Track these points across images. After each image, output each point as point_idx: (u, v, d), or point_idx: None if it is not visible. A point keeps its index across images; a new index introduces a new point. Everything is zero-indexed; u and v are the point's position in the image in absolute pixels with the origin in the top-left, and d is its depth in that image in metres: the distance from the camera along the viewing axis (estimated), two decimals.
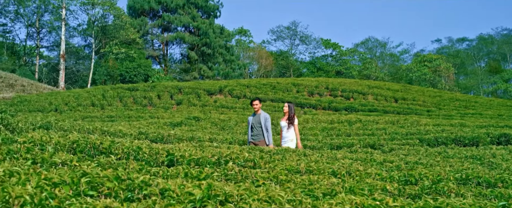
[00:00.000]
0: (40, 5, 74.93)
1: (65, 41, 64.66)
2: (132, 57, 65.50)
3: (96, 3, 65.50)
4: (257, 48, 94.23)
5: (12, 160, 5.36)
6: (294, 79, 45.67)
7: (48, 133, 7.48)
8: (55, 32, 79.63)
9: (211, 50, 78.88)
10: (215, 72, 79.37)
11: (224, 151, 7.37)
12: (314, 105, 36.20)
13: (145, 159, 6.58)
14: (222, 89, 38.54)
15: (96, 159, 5.89)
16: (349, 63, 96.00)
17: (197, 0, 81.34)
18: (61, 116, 26.73)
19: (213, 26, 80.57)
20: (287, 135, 13.06)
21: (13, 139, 6.39)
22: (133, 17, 77.03)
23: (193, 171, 5.72)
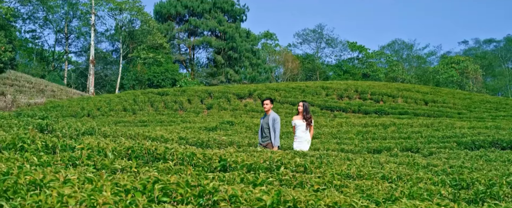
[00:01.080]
0: (69, 11, 75.76)
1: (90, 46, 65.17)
2: (160, 61, 65.88)
3: (124, 8, 66.02)
4: (283, 51, 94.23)
5: (77, 167, 5.45)
6: (323, 83, 45.57)
7: (96, 139, 7.59)
8: (83, 37, 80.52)
9: (238, 54, 79.05)
10: (242, 76, 79.55)
11: (274, 156, 7.41)
12: (344, 108, 36.11)
13: (200, 165, 6.63)
14: (252, 93, 38.61)
15: (155, 165, 5.96)
16: (376, 66, 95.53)
17: (223, 4, 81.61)
18: (94, 121, 26.98)
19: (239, 30, 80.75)
20: (303, 135, 12.53)
21: (71, 145, 6.49)
22: (159, 22, 77.53)
23: (249, 177, 5.75)
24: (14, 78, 46.89)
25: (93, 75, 63.19)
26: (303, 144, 12.41)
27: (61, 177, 4.15)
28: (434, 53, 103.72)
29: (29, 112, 17.37)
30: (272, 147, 11.87)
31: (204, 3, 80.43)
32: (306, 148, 12.39)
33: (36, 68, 70.01)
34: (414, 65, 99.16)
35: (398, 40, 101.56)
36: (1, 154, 5.42)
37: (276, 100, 37.12)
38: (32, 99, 42.15)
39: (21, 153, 5.90)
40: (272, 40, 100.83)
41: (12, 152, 5.81)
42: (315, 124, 22.80)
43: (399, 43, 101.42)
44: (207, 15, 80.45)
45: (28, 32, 78.39)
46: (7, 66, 28.47)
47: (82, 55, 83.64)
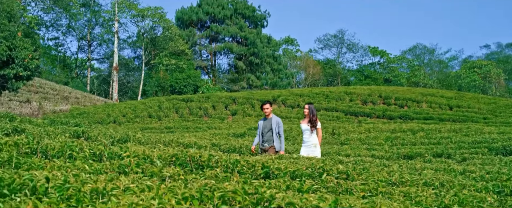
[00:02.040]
0: (91, 18, 76.37)
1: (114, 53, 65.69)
2: (182, 68, 66.13)
3: (146, 15, 66.41)
4: (304, 57, 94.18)
5: (127, 175, 5.50)
6: (346, 88, 45.47)
7: (141, 146, 7.65)
8: (105, 44, 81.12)
9: (259, 60, 79.12)
10: (263, 82, 79.60)
11: (316, 163, 7.41)
12: (368, 113, 36.00)
13: (244, 172, 6.65)
14: (276, 99, 38.62)
15: (202, 173, 5.99)
16: (397, 71, 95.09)
17: (244, 10, 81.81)
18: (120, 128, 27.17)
19: (261, 36, 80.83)
20: (310, 139, 11.92)
21: (117, 153, 6.54)
22: (181, 28, 77.89)
23: (295, 184, 5.76)
24: (38, 86, 47.35)
25: (117, 82, 63.67)
26: (311, 148, 11.87)
27: (121, 185, 4.20)
28: (456, 57, 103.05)
29: (62, 119, 17.53)
30: (274, 151, 11.64)
31: (225, 9, 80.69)
32: (315, 153, 11.80)
33: (59, 75, 70.59)
34: (436, 70, 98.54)
35: (420, 44, 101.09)
36: (52, 162, 5.48)
37: (300, 106, 37.09)
38: (57, 106, 42.51)
39: (71, 161, 5.96)
40: (293, 45, 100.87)
41: (62, 160, 5.87)
42: (342, 129, 22.77)
43: (421, 48, 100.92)
44: (228, 21, 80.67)
45: (51, 39, 79.33)
46: (35, 74, 28.68)
47: (104, 62, 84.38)
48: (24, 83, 29.05)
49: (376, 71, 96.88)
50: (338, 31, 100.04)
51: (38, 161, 5.46)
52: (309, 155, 11.33)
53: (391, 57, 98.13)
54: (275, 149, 11.67)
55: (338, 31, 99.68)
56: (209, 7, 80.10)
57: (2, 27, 26.66)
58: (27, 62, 27.17)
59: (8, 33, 26.66)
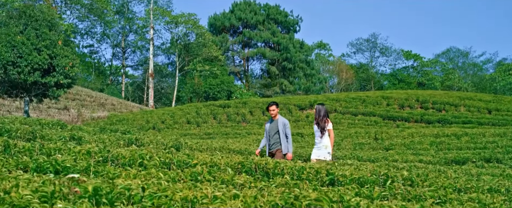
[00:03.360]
0: (125, 25, 77.09)
1: (150, 60, 66.20)
2: (215, 74, 66.36)
3: (180, 22, 66.79)
4: (336, 61, 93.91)
5: (201, 182, 5.53)
6: (383, 92, 45.25)
7: (208, 154, 7.69)
8: (139, 51, 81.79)
9: (292, 65, 79.09)
10: (296, 86, 79.51)
11: (380, 169, 7.39)
12: (406, 117, 35.76)
13: (310, 179, 6.65)
14: (312, 104, 38.54)
15: (272, 180, 6.01)
16: (431, 74, 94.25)
17: (277, 16, 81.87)
18: (160, 134, 27.34)
19: (293, 40, 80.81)
20: (321, 141, 11.32)
21: (185, 161, 6.59)
22: (214, 34, 78.15)
23: (365, 190, 5.75)
24: (75, 93, 47.93)
25: (152, 88, 64.13)
26: (321, 150, 11.29)
27: (209, 194, 4.23)
28: (491, 60, 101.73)
29: (110, 126, 17.69)
30: (281, 153, 11.24)
31: (257, 14, 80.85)
32: (324, 155, 11.22)
33: (94, 82, 71.46)
34: (470, 73, 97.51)
35: (453, 48, 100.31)
36: (127, 171, 5.54)
37: (337, 111, 36.99)
38: (95, 113, 42.98)
39: (143, 169, 6.02)
40: (326, 50, 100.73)
41: (135, 168, 5.93)
42: (384, 134, 22.63)
43: (454, 51, 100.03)
44: (261, 26, 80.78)
45: (86, 47, 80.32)
46: (75, 82, 29.05)
47: (138, 68, 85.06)
48: (64, 91, 29.43)
49: (410, 75, 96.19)
50: (370, 35, 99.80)
51: (113, 169, 5.52)
52: (320, 157, 11.14)
53: (424, 61, 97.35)
54: (282, 152, 11.25)
55: (371, 35, 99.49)
56: (242, 13, 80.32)
57: (43, 36, 27.05)
58: (68, 70, 27.52)
59: (49, 41, 27.03)
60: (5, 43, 25.80)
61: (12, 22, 27.44)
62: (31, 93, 28.12)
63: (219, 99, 56.60)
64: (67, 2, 67.51)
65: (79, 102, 47.27)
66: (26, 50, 25.86)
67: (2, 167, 5.04)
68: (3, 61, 25.44)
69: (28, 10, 28.05)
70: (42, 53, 26.41)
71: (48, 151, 6.22)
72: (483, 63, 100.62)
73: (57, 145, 6.39)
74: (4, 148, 6.00)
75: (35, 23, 27.53)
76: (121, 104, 53.87)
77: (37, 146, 6.16)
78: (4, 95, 29.24)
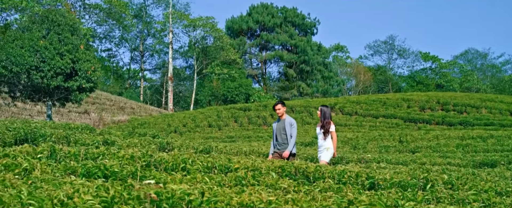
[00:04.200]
0: (143, 29, 77.41)
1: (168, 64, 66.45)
2: (233, 77, 66.46)
3: (198, 25, 66.96)
4: (354, 64, 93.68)
5: (247, 186, 5.54)
6: (403, 95, 45.05)
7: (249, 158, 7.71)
8: (157, 55, 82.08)
9: (310, 68, 78.99)
10: (314, 89, 79.37)
11: (419, 173, 7.36)
12: (428, 120, 35.58)
13: (351, 183, 6.63)
14: (333, 106, 38.47)
15: (316, 184, 6.00)
16: (450, 76, 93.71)
17: (294, 18, 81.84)
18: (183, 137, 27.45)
19: (311, 43, 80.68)
20: (324, 143, 10.97)
21: (226, 165, 6.60)
22: (231, 37, 78.21)
23: (408, 194, 5.72)
24: (95, 97, 48.19)
25: (172, 92, 64.36)
26: (323, 152, 10.96)
27: (264, 198, 4.24)
28: (509, 61, 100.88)
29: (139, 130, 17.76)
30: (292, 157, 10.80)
31: (275, 17, 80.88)
32: (325, 158, 10.89)
33: (113, 86, 71.81)
34: (489, 74, 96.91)
35: (472, 49, 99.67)
36: (172, 175, 5.56)
37: (357, 113, 36.90)
38: (115, 116, 43.19)
39: (186, 174, 6.04)
40: (343, 52, 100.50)
41: (179, 173, 5.94)
42: (409, 137, 22.53)
43: (473, 53, 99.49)
44: (278, 29, 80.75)
45: (104, 51, 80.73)
46: (97, 86, 29.22)
47: (156, 72, 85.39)
48: (87, 95, 29.62)
49: (428, 77, 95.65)
50: (388, 37, 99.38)
51: (158, 174, 5.54)
52: (320, 158, 10.94)
53: (442, 63, 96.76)
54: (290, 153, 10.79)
55: (388, 37, 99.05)
56: (259, 15, 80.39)
57: (65, 41, 27.22)
58: (90, 74, 27.68)
59: (72, 46, 27.20)
60: (28, 48, 25.99)
61: (35, 27, 27.64)
62: (54, 97, 28.31)
63: (237, 103, 56.72)
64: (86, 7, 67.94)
65: (99, 106, 47.53)
66: (49, 54, 26.04)
67: (52, 173, 5.08)
68: (27, 66, 25.62)
69: (50, 15, 28.24)
70: (64, 58, 26.58)
71: (92, 156, 6.26)
72: (502, 64, 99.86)
73: (100, 149, 6.43)
74: (50, 153, 6.04)
75: (58, 28, 27.70)
76: (140, 107, 54.10)
77: (82, 151, 6.20)
78: (27, 99, 29.47)
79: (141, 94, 75.83)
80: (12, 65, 25.47)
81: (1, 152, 5.85)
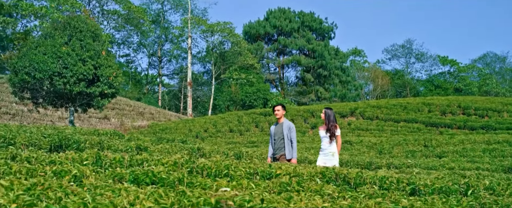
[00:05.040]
0: (161, 35, 77.72)
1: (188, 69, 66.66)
2: (251, 82, 66.49)
3: (216, 30, 67.09)
4: (372, 68, 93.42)
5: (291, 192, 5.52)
6: (424, 99, 44.78)
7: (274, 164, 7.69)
8: (175, 60, 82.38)
9: (327, 72, 78.89)
10: (332, 94, 79.21)
11: (460, 178, 7.30)
12: (449, 124, 35.34)
13: (393, 188, 6.59)
14: (353, 111, 38.36)
15: (360, 190, 5.97)
16: (468, 80, 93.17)
17: (312, 23, 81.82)
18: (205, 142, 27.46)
19: (328, 47, 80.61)
20: (329, 147, 10.63)
21: (268, 171, 6.59)
22: (249, 42, 78.30)
23: (453, 200, 5.67)
24: (114, 102, 48.37)
25: (191, 97, 64.53)
26: (328, 157, 10.64)
27: (319, 205, 4.22)
28: None
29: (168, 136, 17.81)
30: (285, 159, 10.47)
31: (292, 22, 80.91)
32: (332, 162, 10.57)
33: (132, 91, 72.13)
34: (508, 78, 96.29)
35: (490, 53, 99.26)
36: (217, 182, 5.55)
37: (378, 118, 36.75)
38: (135, 122, 43.34)
39: (230, 180, 6.03)
40: (361, 56, 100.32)
41: (224, 179, 5.94)
42: (435, 142, 22.41)
43: (491, 56, 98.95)
44: (296, 34, 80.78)
45: (122, 56, 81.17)
46: (118, 91, 29.36)
47: (173, 77, 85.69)
48: (109, 101, 29.71)
49: (446, 80, 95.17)
50: (406, 41, 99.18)
51: (203, 180, 5.53)
52: (326, 163, 10.44)
53: (461, 66, 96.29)
54: (286, 158, 10.53)
55: (406, 41, 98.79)
56: (277, 20, 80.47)
57: (87, 47, 27.37)
58: (112, 80, 27.80)
59: (94, 52, 27.34)
60: (51, 54, 26.15)
61: (57, 33, 27.80)
62: (76, 103, 28.45)
63: (255, 107, 56.74)
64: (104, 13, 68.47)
65: (118, 111, 47.72)
66: (71, 61, 26.18)
67: (101, 179, 5.09)
68: (49, 72, 25.77)
69: (72, 21, 28.42)
70: (86, 64, 26.74)
71: (135, 162, 6.27)
72: None
73: (143, 156, 6.44)
74: (96, 160, 6.06)
75: (80, 34, 27.87)
76: (159, 112, 54.25)
77: (126, 157, 6.21)
78: (49, 105, 29.64)
79: (160, 99, 76.09)
80: (35, 72, 25.62)
81: (47, 158, 5.88)
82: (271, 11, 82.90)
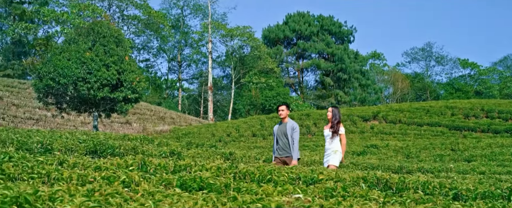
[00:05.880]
0: (181, 40, 78.00)
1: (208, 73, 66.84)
2: (271, 86, 66.49)
3: (235, 34, 67.19)
4: (391, 71, 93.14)
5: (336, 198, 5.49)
6: (447, 102, 44.44)
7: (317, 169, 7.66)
8: (194, 65, 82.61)
9: (347, 76, 78.79)
10: (352, 97, 79.04)
11: (504, 183, 7.24)
12: (473, 127, 35.06)
13: (435, 193, 6.54)
14: (376, 115, 38.13)
15: (406, 195, 5.92)
16: (489, 83, 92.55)
17: (331, 27, 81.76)
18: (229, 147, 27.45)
19: (348, 51, 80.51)
20: (331, 146, 10.49)
21: (311, 176, 6.57)
22: (268, 46, 78.31)
23: (499, 205, 5.61)
24: (136, 107, 48.51)
25: (212, 101, 64.65)
26: (331, 155, 10.45)
27: None
28: None
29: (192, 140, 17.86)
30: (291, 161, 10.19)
31: (311, 26, 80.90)
32: (334, 161, 10.37)
33: (152, 96, 72.44)
34: None
35: (511, 55, 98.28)
36: (264, 187, 5.53)
37: (401, 121, 36.56)
38: (157, 126, 43.45)
39: (274, 185, 6.01)
40: (380, 60, 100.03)
41: (269, 184, 5.92)
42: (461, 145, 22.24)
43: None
44: (315, 37, 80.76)
45: (142, 61, 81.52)
46: (142, 96, 29.46)
47: (193, 82, 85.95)
48: (132, 106, 29.85)
49: (467, 83, 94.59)
50: (425, 44, 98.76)
51: (249, 185, 5.52)
52: (329, 162, 10.41)
53: (481, 69, 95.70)
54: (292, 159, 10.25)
55: (426, 44, 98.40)
56: (296, 24, 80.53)
57: (111, 52, 27.50)
58: (135, 85, 27.89)
59: (117, 57, 27.47)
60: (75, 60, 26.30)
61: (81, 39, 27.97)
62: (100, 108, 28.60)
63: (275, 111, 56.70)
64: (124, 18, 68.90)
65: (140, 116, 47.91)
66: (95, 66, 26.31)
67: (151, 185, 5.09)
68: (74, 78, 25.91)
69: (96, 27, 28.60)
70: (110, 69, 26.86)
71: (179, 168, 6.27)
72: None
73: (186, 161, 6.44)
74: (141, 166, 6.07)
75: (103, 40, 28.02)
76: (180, 117, 54.36)
77: (171, 163, 6.21)
78: (73, 110, 29.84)
79: (179, 104, 76.35)
80: (60, 77, 25.77)
81: (93, 164, 5.90)
82: (290, 15, 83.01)
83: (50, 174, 4.94)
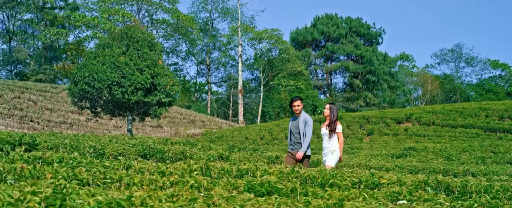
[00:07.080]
0: (209, 43, 78.23)
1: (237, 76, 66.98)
2: (300, 88, 66.40)
3: (264, 37, 67.22)
4: (420, 73, 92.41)
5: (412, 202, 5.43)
6: (480, 104, 43.94)
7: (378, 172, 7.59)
8: (223, 68, 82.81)
9: (376, 78, 78.33)
10: (381, 99, 78.57)
11: None
12: (508, 129, 34.57)
13: (500, 197, 6.43)
14: (409, 117, 37.83)
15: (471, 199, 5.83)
16: None
17: (359, 29, 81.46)
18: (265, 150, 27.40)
19: (376, 53, 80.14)
20: (328, 145, 10.14)
21: (371, 180, 6.50)
22: (296, 48, 78.21)
23: None
24: None
25: (242, 104, 64.74)
26: (328, 155, 10.12)
27: None
28: None
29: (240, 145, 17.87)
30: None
31: (340, 28, 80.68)
32: (330, 162, 10.03)
33: (181, 99, 72.74)
34: None
35: None
36: (330, 192, 5.48)
37: (435, 123, 36.22)
38: (189, 130, 43.60)
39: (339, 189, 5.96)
40: (409, 61, 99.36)
41: (334, 189, 5.87)
42: (502, 147, 21.92)
43: None
44: (343, 39, 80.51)
45: (171, 65, 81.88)
46: (175, 100, 29.57)
47: (221, 85, 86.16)
48: (166, 110, 29.96)
49: (497, 85, 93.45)
50: (455, 46, 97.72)
51: (314, 190, 5.47)
52: (326, 162, 10.09)
53: None
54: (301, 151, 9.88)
55: (455, 46, 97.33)
56: (324, 26, 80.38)
57: (144, 56, 27.63)
58: (168, 89, 27.98)
59: (151, 61, 27.58)
60: (109, 64, 26.45)
61: (115, 43, 28.15)
62: (134, 112, 28.74)
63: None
64: (153, 22, 69.33)
65: (170, 120, 48.10)
66: (129, 70, 26.44)
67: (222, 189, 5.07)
68: (108, 82, 26.05)
69: (129, 31, 28.76)
70: (144, 73, 26.97)
71: (240, 172, 6.25)
72: None
73: (248, 166, 6.41)
74: (204, 171, 6.06)
75: (136, 44, 28.17)
76: (210, 120, 54.51)
77: (234, 168, 6.19)
78: (107, 114, 30.05)
79: (208, 107, 76.57)
80: (95, 82, 25.94)
81: (157, 169, 5.90)
82: (318, 17, 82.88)
83: (122, 179, 4.94)
